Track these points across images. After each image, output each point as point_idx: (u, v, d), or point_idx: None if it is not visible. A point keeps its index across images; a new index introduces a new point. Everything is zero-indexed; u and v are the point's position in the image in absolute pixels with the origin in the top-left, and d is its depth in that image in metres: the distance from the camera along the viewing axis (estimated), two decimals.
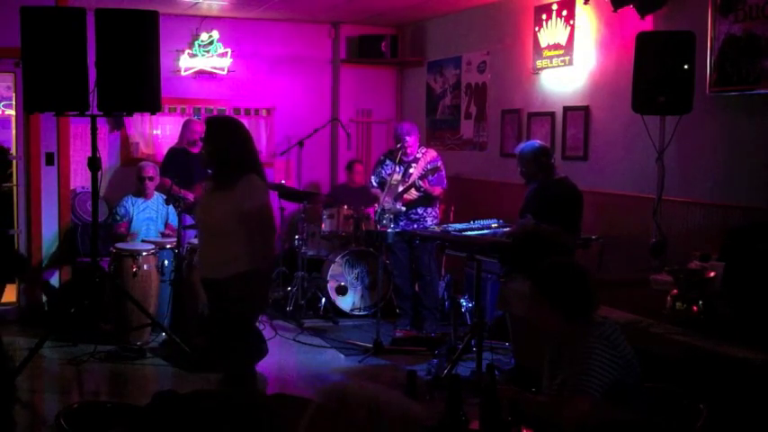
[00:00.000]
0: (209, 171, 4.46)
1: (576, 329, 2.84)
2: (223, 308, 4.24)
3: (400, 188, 6.56)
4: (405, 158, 6.66)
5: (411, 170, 6.63)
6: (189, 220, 6.69)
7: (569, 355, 2.84)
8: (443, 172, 6.62)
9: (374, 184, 6.87)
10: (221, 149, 4.23)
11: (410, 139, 6.59)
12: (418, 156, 6.67)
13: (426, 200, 6.63)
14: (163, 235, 6.96)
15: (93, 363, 5.78)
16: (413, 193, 6.56)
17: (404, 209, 6.56)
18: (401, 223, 6.56)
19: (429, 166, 6.52)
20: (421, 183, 6.47)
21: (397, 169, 6.69)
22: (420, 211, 6.63)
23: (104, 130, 7.77)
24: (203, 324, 5.70)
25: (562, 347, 2.92)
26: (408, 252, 6.73)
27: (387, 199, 6.57)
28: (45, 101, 5.35)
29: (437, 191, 6.61)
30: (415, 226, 6.48)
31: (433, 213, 6.71)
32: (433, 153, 6.74)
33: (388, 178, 6.65)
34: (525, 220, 5.10)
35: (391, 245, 6.75)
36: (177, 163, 7.16)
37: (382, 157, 6.90)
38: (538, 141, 5.53)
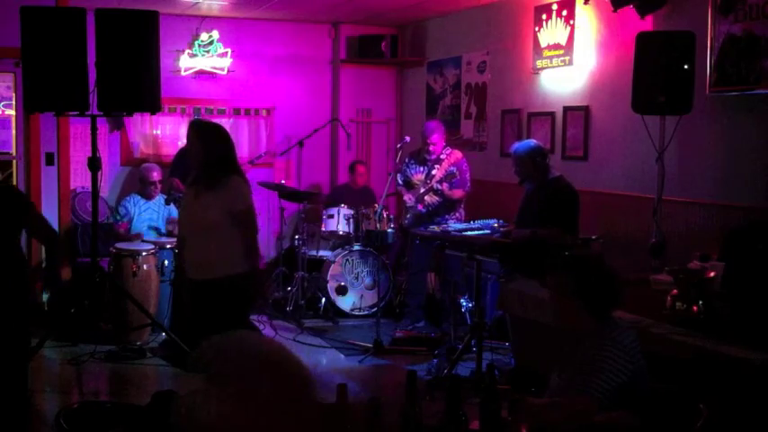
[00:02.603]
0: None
1: (593, 327, 2.81)
2: (216, 307, 4.25)
3: (422, 189, 6.53)
4: (428, 157, 6.61)
5: (434, 172, 6.58)
6: None
7: (579, 354, 2.82)
8: (467, 174, 6.54)
9: (399, 182, 6.79)
10: (209, 149, 4.28)
11: (433, 138, 6.54)
12: (442, 157, 6.60)
13: (448, 204, 6.56)
14: (168, 234, 6.96)
15: (93, 363, 5.78)
16: (433, 196, 6.52)
17: (424, 210, 6.52)
18: (422, 226, 6.50)
19: (450, 169, 6.45)
20: (440, 186, 6.42)
21: (421, 169, 6.67)
22: (443, 213, 6.57)
23: (104, 130, 7.77)
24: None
25: (576, 344, 2.89)
26: (428, 253, 6.67)
27: (411, 198, 6.56)
28: (45, 101, 5.36)
29: (457, 194, 6.52)
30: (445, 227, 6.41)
31: (455, 216, 6.59)
32: (457, 155, 6.62)
33: (412, 178, 6.63)
34: (521, 231, 5.10)
35: (413, 243, 6.71)
36: (183, 162, 7.18)
37: (408, 157, 6.81)
38: (533, 141, 5.49)
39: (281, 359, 1.37)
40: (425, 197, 6.52)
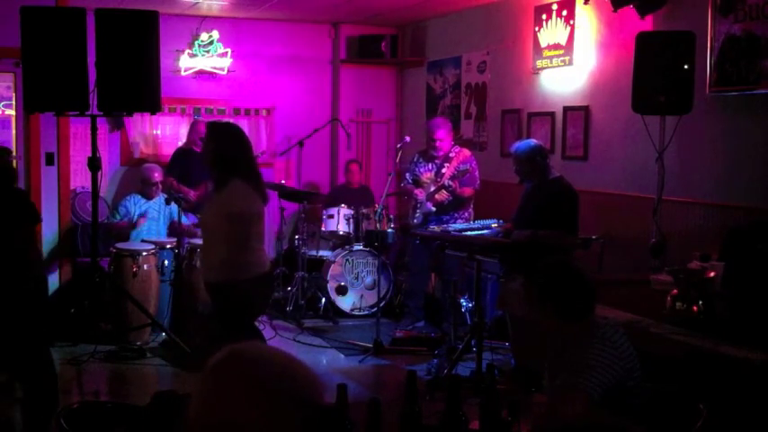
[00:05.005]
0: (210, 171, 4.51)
1: (575, 329, 2.83)
2: (218, 309, 4.27)
3: (432, 188, 6.53)
4: (435, 154, 6.61)
5: (443, 170, 6.57)
6: (192, 219, 6.76)
7: (569, 355, 2.83)
8: (476, 172, 6.54)
9: (409, 181, 6.75)
10: (218, 150, 4.27)
11: (439, 133, 6.52)
12: (451, 155, 6.59)
13: (457, 202, 6.54)
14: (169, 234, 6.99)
15: (93, 363, 5.78)
16: (443, 194, 6.51)
17: (434, 209, 6.51)
18: (431, 224, 6.51)
19: (461, 167, 6.44)
20: (451, 183, 6.41)
21: (429, 167, 6.66)
22: (451, 212, 6.56)
23: (104, 130, 7.77)
24: (203, 324, 5.70)
25: (563, 347, 2.91)
26: (429, 253, 6.66)
27: (421, 194, 6.55)
28: (45, 101, 5.36)
29: (467, 192, 6.52)
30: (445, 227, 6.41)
31: (465, 215, 6.58)
32: (466, 153, 6.64)
33: (422, 177, 6.63)
34: (522, 231, 5.10)
35: (414, 243, 6.71)
36: (181, 162, 7.22)
37: (416, 156, 6.79)
38: (534, 140, 5.47)
39: (284, 372, 1.37)
40: (436, 195, 6.51)
